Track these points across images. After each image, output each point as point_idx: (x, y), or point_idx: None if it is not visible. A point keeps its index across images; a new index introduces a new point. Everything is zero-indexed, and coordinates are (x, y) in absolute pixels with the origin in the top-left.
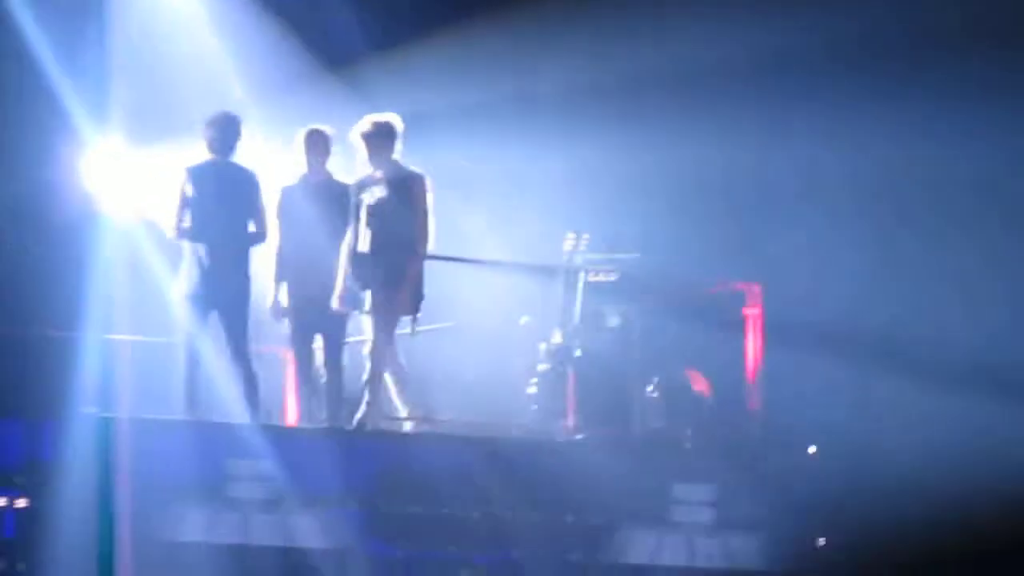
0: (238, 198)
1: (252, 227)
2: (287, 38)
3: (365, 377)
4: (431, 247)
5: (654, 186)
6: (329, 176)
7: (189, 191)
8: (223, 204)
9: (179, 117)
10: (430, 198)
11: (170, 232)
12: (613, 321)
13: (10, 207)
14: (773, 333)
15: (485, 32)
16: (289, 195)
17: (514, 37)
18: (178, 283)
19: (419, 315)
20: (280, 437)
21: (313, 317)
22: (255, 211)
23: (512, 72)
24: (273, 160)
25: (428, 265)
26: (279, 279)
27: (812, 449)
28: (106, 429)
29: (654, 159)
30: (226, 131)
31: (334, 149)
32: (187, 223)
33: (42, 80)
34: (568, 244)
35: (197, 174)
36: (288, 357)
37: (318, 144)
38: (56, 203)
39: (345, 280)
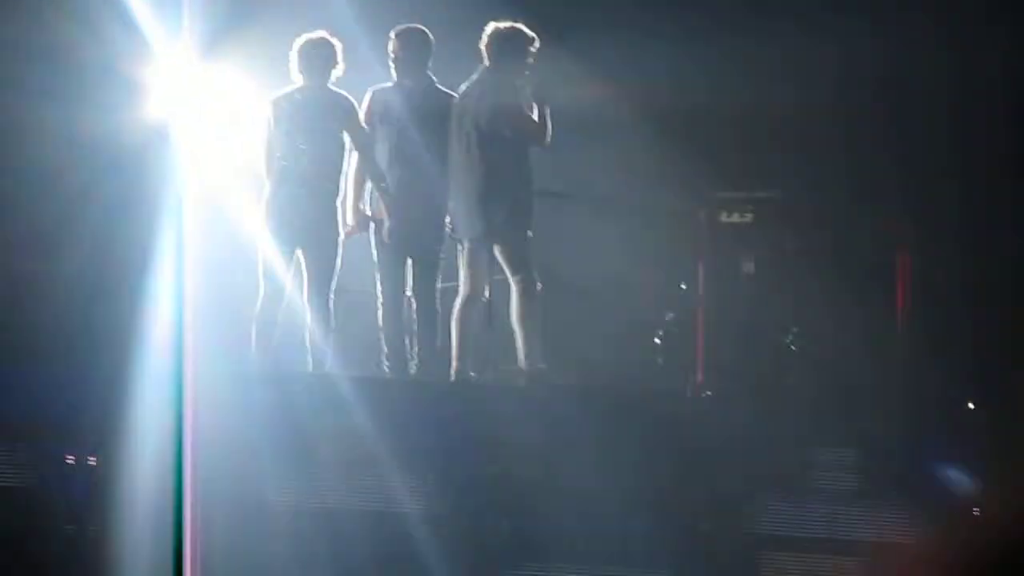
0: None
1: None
2: None
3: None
4: None
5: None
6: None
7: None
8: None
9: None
10: None
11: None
12: (748, 267)
13: (69, 137)
14: (925, 280)
15: None
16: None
17: None
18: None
19: None
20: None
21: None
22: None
23: None
24: None
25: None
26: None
27: (971, 405)
28: (179, 381)
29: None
30: (319, 55)
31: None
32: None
33: None
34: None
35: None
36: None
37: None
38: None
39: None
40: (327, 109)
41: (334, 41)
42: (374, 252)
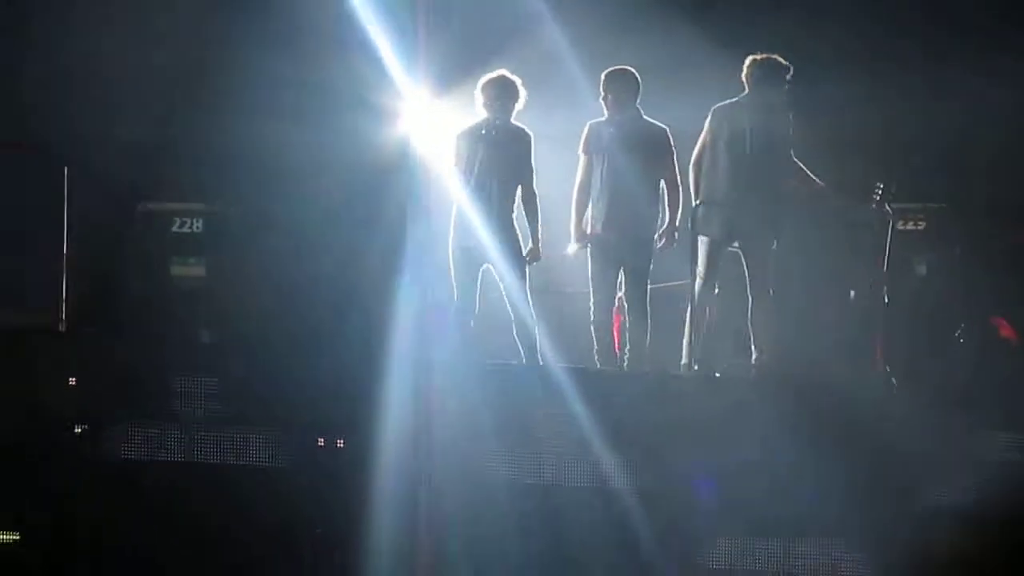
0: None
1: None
2: None
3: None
4: None
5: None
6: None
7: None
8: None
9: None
10: None
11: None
12: (920, 269)
13: (316, 155)
14: None
15: None
16: None
17: None
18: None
19: None
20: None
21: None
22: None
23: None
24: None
25: None
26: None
27: None
28: (417, 373)
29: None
30: (500, 93)
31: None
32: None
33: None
34: (876, 194)
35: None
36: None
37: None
38: (366, 151)
39: None
40: (508, 141)
41: (514, 79)
42: (589, 262)
